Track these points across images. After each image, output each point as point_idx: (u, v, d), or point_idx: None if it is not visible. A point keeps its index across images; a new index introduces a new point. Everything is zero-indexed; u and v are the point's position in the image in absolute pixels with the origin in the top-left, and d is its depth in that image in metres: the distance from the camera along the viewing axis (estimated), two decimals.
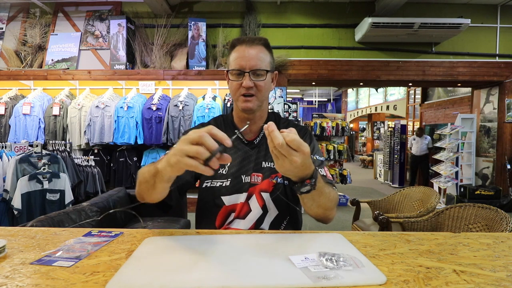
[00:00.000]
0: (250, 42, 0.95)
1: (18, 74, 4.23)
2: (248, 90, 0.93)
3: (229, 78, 0.96)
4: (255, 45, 0.95)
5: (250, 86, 0.93)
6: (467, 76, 4.69)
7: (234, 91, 0.96)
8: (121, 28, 4.23)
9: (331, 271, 0.56)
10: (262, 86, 0.95)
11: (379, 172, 8.33)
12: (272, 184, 0.98)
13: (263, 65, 0.94)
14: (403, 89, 9.00)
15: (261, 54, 0.95)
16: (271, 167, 0.99)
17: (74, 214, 1.91)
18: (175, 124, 3.74)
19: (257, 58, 0.94)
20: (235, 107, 1.02)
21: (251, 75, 0.93)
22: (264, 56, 0.95)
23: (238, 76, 0.94)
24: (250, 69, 0.92)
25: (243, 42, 0.95)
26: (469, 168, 5.32)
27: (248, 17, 4.51)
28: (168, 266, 0.58)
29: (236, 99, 0.97)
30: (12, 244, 0.70)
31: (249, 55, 0.93)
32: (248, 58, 0.93)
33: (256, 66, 0.93)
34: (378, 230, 2.09)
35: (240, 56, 0.93)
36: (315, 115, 9.34)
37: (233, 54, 0.96)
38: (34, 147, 2.82)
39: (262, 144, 1.01)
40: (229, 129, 1.03)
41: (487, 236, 0.79)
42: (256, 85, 0.94)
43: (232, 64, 0.95)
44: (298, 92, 14.17)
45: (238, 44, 0.96)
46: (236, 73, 0.94)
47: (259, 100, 0.96)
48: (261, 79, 0.94)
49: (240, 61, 0.93)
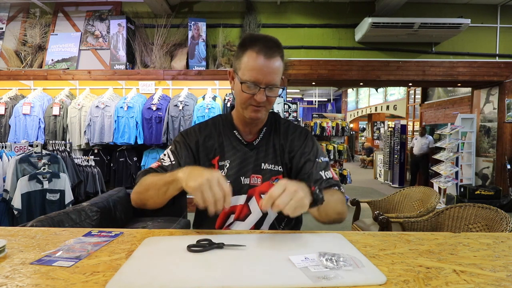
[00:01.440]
0: (269, 54, 0.85)
1: (18, 74, 4.23)
2: (259, 103, 0.89)
3: (241, 88, 0.88)
4: (274, 58, 0.86)
5: (263, 101, 0.88)
6: (467, 76, 4.69)
7: (243, 100, 0.90)
8: (121, 28, 4.22)
9: (331, 271, 0.56)
10: (273, 100, 0.92)
11: (379, 172, 8.33)
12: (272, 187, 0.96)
13: (278, 79, 0.88)
14: (403, 89, 8.99)
15: (278, 67, 0.87)
16: (271, 169, 0.97)
17: (74, 214, 1.91)
18: (175, 124, 3.74)
19: (275, 72, 0.87)
20: (239, 110, 0.96)
21: (266, 89, 0.87)
22: (280, 69, 0.88)
23: (252, 89, 0.87)
24: (266, 85, 0.86)
25: (261, 50, 0.84)
26: (469, 168, 5.31)
27: (248, 17, 4.51)
28: (168, 266, 0.58)
29: (245, 107, 0.92)
30: (12, 244, 0.70)
31: (267, 70, 0.85)
32: (265, 73, 0.85)
33: (273, 82, 0.87)
34: (378, 230, 2.09)
35: (257, 68, 0.85)
36: (315, 115, 9.34)
37: (246, 59, 0.86)
38: (34, 147, 2.82)
39: (262, 145, 0.99)
40: (228, 130, 1.00)
41: (487, 236, 0.79)
42: (268, 99, 0.89)
43: (247, 74, 0.86)
44: (298, 92, 14.17)
45: (255, 49, 0.85)
46: (250, 86, 0.87)
47: (267, 110, 0.95)
48: (274, 94, 0.90)
49: (257, 75, 0.85)
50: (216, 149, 0.98)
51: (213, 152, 0.98)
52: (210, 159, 0.97)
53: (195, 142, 0.97)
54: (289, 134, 1.02)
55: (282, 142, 1.00)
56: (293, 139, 1.00)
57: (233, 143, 0.99)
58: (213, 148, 0.98)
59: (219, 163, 0.96)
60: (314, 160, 0.96)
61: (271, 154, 0.99)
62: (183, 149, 0.96)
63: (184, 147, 0.96)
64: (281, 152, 0.99)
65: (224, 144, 0.98)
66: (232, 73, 0.94)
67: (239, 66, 0.89)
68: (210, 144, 0.98)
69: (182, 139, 0.98)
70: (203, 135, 0.99)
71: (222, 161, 0.97)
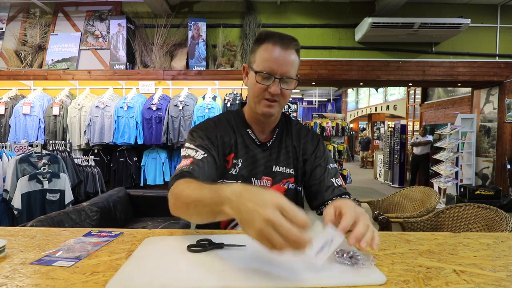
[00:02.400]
0: (286, 45, 0.84)
1: (18, 74, 4.23)
2: (273, 96, 0.86)
3: (255, 79, 0.86)
4: (290, 49, 0.85)
5: (277, 94, 0.85)
6: (467, 76, 4.69)
7: (256, 93, 0.87)
8: (121, 28, 4.22)
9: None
10: (288, 94, 0.88)
11: (379, 172, 8.33)
12: (283, 190, 0.94)
13: (293, 72, 0.86)
14: (403, 89, 8.99)
15: (294, 59, 0.86)
16: (282, 172, 0.95)
17: (74, 214, 1.91)
18: (175, 124, 3.74)
19: (290, 64, 0.85)
20: (251, 107, 0.93)
21: (281, 81, 0.85)
22: (296, 62, 0.87)
23: (266, 80, 0.85)
24: (281, 76, 0.84)
25: (277, 41, 0.84)
26: (469, 168, 5.31)
27: (248, 17, 4.51)
28: (168, 266, 0.58)
29: (258, 101, 0.89)
30: (12, 244, 0.70)
31: (283, 60, 0.84)
32: (281, 63, 0.84)
33: (288, 73, 0.85)
34: (378, 230, 2.09)
35: (273, 58, 0.83)
36: (315, 115, 9.34)
37: (262, 51, 0.85)
38: (34, 147, 2.82)
39: (275, 147, 0.97)
40: (242, 127, 0.97)
41: (487, 236, 0.79)
42: (282, 92, 0.86)
43: (261, 65, 0.85)
44: (298, 92, 14.17)
45: (270, 41, 0.85)
46: (264, 76, 0.85)
47: (281, 106, 0.90)
48: (289, 87, 0.87)
49: (272, 64, 0.84)
50: (232, 146, 0.94)
51: (229, 148, 0.94)
52: (226, 155, 0.93)
53: (215, 135, 0.93)
54: (302, 137, 1.00)
55: (295, 144, 0.98)
56: (306, 142, 0.99)
57: (246, 142, 0.96)
58: (229, 144, 0.94)
59: (233, 161, 0.93)
60: (325, 166, 0.95)
61: (282, 156, 0.97)
62: (207, 141, 0.90)
63: (207, 139, 0.90)
64: (293, 155, 0.97)
65: (238, 142, 0.95)
66: (247, 68, 0.92)
67: (254, 59, 0.88)
68: (227, 140, 0.94)
69: (202, 132, 0.92)
70: (220, 129, 0.94)
71: (235, 159, 0.94)
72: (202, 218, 0.67)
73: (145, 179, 3.88)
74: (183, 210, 0.69)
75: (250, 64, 0.90)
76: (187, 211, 0.68)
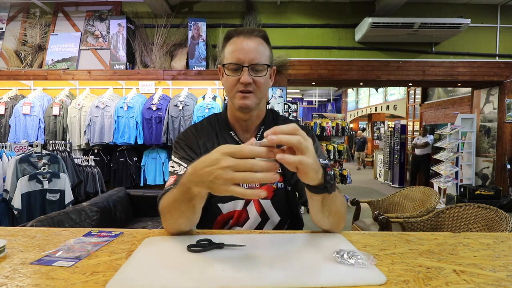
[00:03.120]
0: (249, 34, 0.86)
1: (18, 74, 4.23)
2: (247, 87, 0.85)
3: (225, 73, 0.87)
4: (254, 37, 0.86)
5: (248, 82, 0.84)
6: (467, 76, 4.69)
7: (230, 87, 0.87)
8: (121, 28, 4.22)
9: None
10: (262, 82, 0.87)
11: (379, 172, 8.33)
12: (272, 190, 0.93)
13: (262, 59, 0.85)
14: (403, 89, 9.00)
15: (261, 47, 0.86)
16: None
17: (74, 214, 1.91)
18: (175, 124, 3.74)
19: (257, 51, 0.85)
20: (231, 106, 0.93)
21: (250, 70, 0.84)
22: (263, 49, 0.87)
23: (235, 71, 0.85)
24: (249, 63, 0.84)
25: (240, 33, 0.86)
26: (469, 168, 5.31)
27: (248, 17, 4.51)
28: (168, 266, 0.58)
29: (233, 96, 0.88)
30: (12, 244, 0.70)
31: (248, 48, 0.84)
32: (246, 51, 0.84)
33: (256, 60, 0.84)
34: (378, 230, 2.09)
35: (238, 48, 0.84)
36: (315, 115, 9.33)
37: (229, 46, 0.87)
38: (34, 147, 2.82)
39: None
40: (224, 130, 0.96)
41: (487, 236, 0.79)
42: (255, 81, 0.85)
43: (229, 57, 0.85)
44: (298, 92, 14.17)
45: (235, 36, 0.86)
46: (233, 68, 0.85)
47: (257, 97, 0.88)
48: (260, 74, 0.86)
49: (238, 54, 0.84)
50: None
51: None
52: None
53: (196, 143, 0.93)
54: None
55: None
56: None
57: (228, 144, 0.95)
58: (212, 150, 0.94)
59: None
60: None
61: None
62: (189, 151, 0.90)
63: (189, 149, 0.91)
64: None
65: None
66: (220, 67, 0.91)
67: (223, 56, 0.89)
68: (210, 146, 0.93)
69: (183, 142, 0.93)
70: (201, 136, 0.94)
71: None
72: (186, 215, 0.70)
73: (145, 179, 3.88)
74: (171, 221, 0.73)
75: (221, 62, 0.90)
76: (173, 217, 0.71)
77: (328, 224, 0.78)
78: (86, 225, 1.95)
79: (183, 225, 0.74)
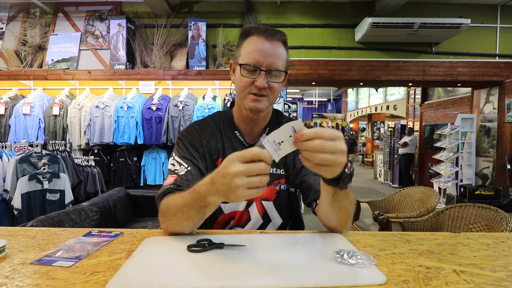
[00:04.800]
0: (271, 36, 0.82)
1: (18, 74, 4.23)
2: (261, 91, 0.82)
3: (240, 72, 0.83)
4: (275, 41, 0.82)
5: (264, 87, 0.82)
6: (467, 76, 4.69)
7: (242, 87, 0.84)
8: (121, 28, 4.22)
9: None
10: (276, 88, 0.84)
11: (379, 172, 8.33)
12: (275, 192, 0.92)
13: (280, 64, 0.83)
14: (403, 89, 9.00)
15: (281, 52, 0.83)
16: (272, 173, 0.91)
17: (74, 214, 1.91)
18: (175, 124, 3.74)
19: (276, 56, 0.82)
20: (239, 105, 0.91)
21: (267, 74, 0.81)
22: (283, 54, 0.84)
23: (252, 73, 0.82)
24: (267, 68, 0.81)
25: (262, 33, 0.82)
26: (469, 168, 5.31)
27: (248, 17, 4.51)
28: (168, 266, 0.58)
29: (244, 96, 0.85)
30: (12, 244, 0.70)
31: (268, 51, 0.81)
32: (266, 54, 0.80)
33: (274, 65, 0.81)
34: (378, 230, 2.09)
35: (258, 50, 0.81)
36: (315, 115, 9.34)
37: (247, 44, 0.83)
38: (34, 147, 2.82)
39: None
40: (229, 130, 0.94)
41: (487, 236, 0.79)
42: (270, 86, 0.83)
43: (246, 57, 0.82)
44: (298, 92, 14.18)
45: (255, 34, 0.82)
46: (249, 69, 0.82)
47: (269, 101, 0.86)
48: (276, 80, 0.83)
49: (257, 56, 0.80)
50: (219, 150, 0.92)
51: (217, 153, 0.92)
52: (214, 160, 0.91)
53: (199, 142, 0.91)
54: None
55: None
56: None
57: (234, 145, 0.93)
58: (217, 149, 0.92)
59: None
60: None
61: None
62: (191, 150, 0.88)
63: (192, 147, 0.89)
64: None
65: (225, 145, 0.92)
66: (233, 63, 0.89)
67: (239, 53, 0.86)
68: (214, 144, 0.92)
69: (186, 140, 0.90)
70: (205, 135, 0.92)
71: None
72: (193, 220, 0.71)
73: (145, 179, 3.88)
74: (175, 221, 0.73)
75: (236, 58, 0.87)
76: (178, 219, 0.71)
77: (336, 220, 0.77)
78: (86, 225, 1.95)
79: (187, 228, 0.74)
